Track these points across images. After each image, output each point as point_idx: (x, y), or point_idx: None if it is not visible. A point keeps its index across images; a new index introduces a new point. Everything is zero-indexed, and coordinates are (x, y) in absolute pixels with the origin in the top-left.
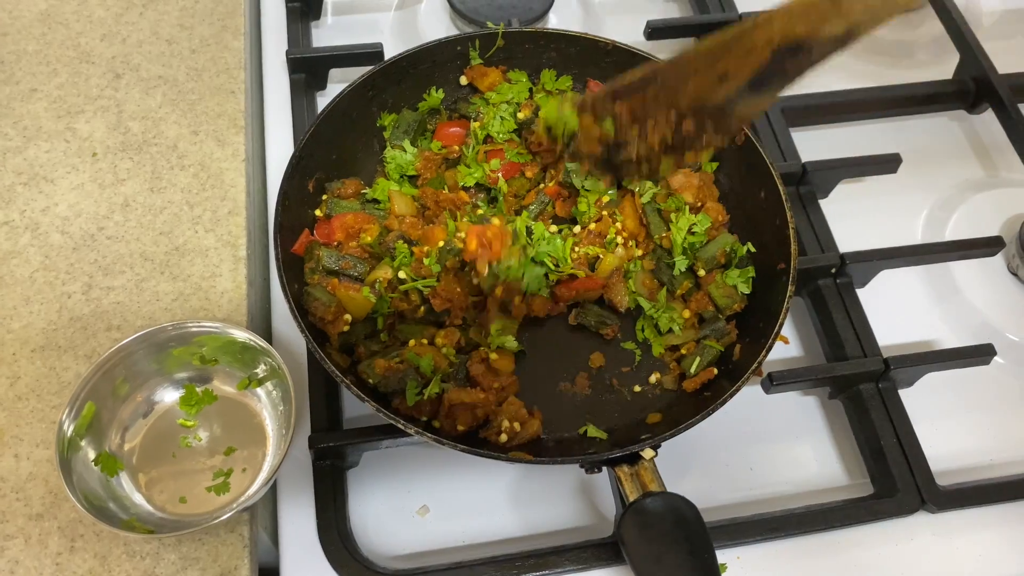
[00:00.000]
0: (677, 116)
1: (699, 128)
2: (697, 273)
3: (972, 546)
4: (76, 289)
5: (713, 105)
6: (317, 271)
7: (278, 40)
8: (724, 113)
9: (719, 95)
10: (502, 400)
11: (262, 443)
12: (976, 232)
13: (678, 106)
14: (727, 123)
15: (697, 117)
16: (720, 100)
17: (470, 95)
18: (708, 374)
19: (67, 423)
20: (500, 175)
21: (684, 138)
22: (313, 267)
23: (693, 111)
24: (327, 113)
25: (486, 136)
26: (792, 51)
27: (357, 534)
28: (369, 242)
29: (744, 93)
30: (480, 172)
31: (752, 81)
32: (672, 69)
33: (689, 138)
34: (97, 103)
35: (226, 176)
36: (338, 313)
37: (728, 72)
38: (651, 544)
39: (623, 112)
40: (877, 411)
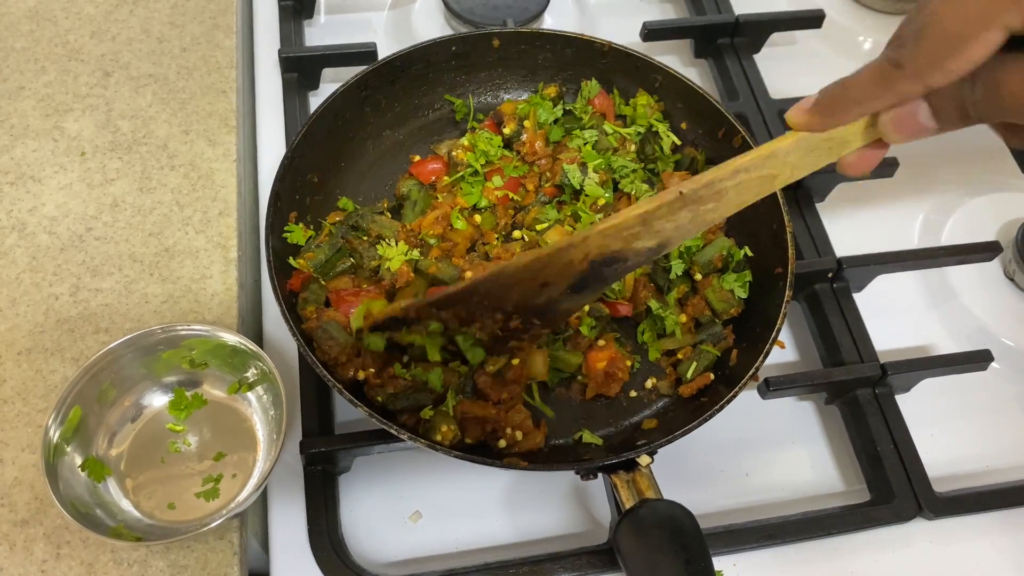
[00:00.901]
0: (504, 315)
1: (526, 323)
2: (694, 277)
3: (969, 553)
4: (63, 291)
5: (537, 306)
6: (311, 302)
7: (270, 39)
8: (549, 311)
9: (541, 299)
10: (509, 409)
11: (252, 448)
12: (973, 237)
13: (503, 309)
14: (553, 318)
15: (522, 316)
16: (543, 303)
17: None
18: (704, 379)
19: (53, 428)
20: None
21: (514, 331)
22: (307, 298)
23: (518, 311)
24: (320, 113)
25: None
26: (609, 262)
27: (349, 540)
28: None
29: (566, 295)
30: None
31: (573, 286)
32: (492, 282)
33: (518, 331)
34: (86, 101)
35: (217, 176)
36: (352, 355)
37: (549, 281)
38: (647, 552)
39: (450, 317)
40: (874, 417)
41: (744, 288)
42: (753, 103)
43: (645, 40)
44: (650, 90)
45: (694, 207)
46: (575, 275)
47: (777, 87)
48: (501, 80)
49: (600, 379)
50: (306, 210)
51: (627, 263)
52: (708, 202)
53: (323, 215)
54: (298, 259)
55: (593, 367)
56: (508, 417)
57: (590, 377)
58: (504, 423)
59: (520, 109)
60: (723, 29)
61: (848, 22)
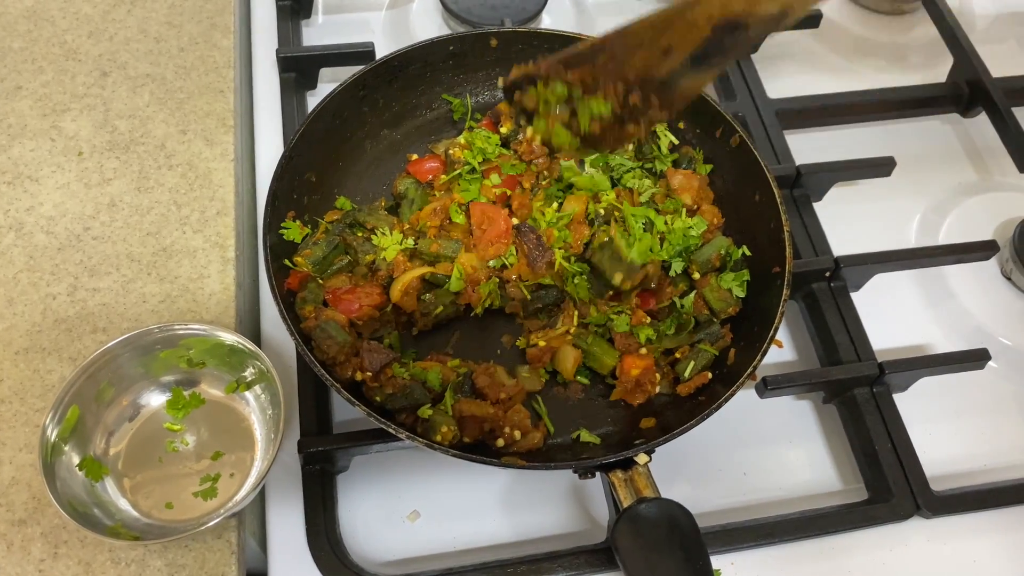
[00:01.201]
0: (624, 88)
1: (645, 102)
2: (692, 276)
3: (966, 552)
4: (61, 290)
5: (658, 79)
6: (309, 302)
7: (268, 39)
8: (668, 88)
9: (663, 69)
10: (508, 409)
11: (250, 447)
12: (969, 236)
13: (625, 78)
14: (671, 98)
15: (643, 91)
16: (664, 74)
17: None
18: (702, 378)
19: (51, 427)
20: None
21: (632, 110)
22: (305, 297)
23: (639, 84)
24: (317, 112)
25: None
26: (731, 28)
27: (347, 539)
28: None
29: (687, 68)
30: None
31: (694, 56)
32: (620, 39)
33: (636, 111)
34: (83, 101)
35: (214, 176)
36: (351, 354)
37: (672, 46)
38: (645, 551)
39: (575, 80)
40: (871, 416)
41: (742, 287)
42: (751, 102)
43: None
44: None
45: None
46: (698, 40)
47: (774, 87)
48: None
49: (630, 386)
50: (304, 209)
51: (749, 30)
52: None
53: (321, 214)
54: (295, 257)
55: (627, 372)
56: (507, 416)
57: (620, 381)
58: (503, 422)
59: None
60: None
61: (845, 22)
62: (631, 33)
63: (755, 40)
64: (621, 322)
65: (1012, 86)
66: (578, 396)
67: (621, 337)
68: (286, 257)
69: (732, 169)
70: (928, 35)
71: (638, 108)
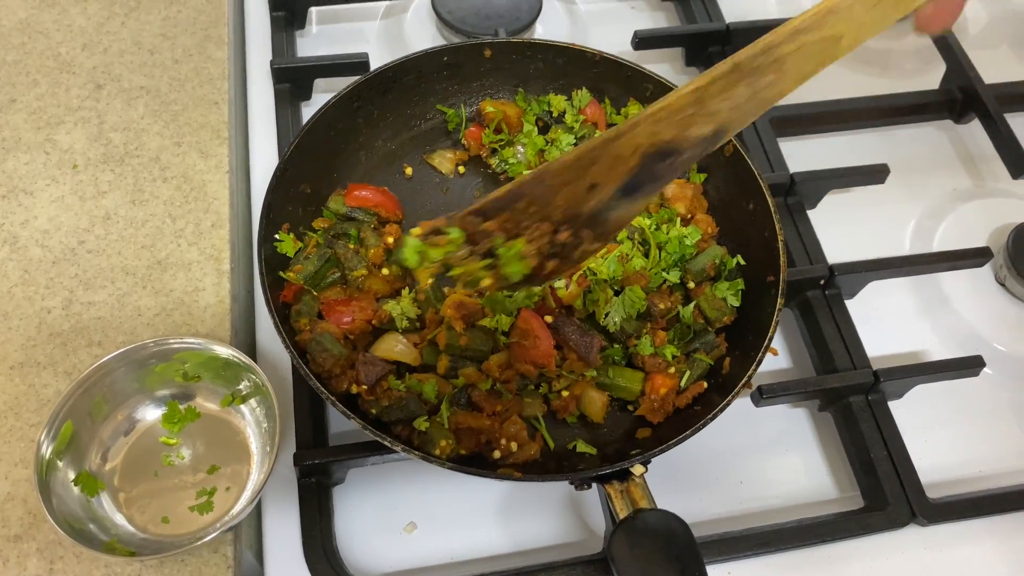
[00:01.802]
0: (552, 228)
1: (576, 237)
2: (687, 285)
3: (963, 559)
4: (56, 304)
5: (586, 214)
6: (304, 315)
7: (262, 50)
8: (599, 220)
9: (590, 204)
10: (504, 421)
11: (246, 461)
12: (964, 242)
13: (551, 218)
14: (604, 229)
15: (571, 227)
16: (592, 209)
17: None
18: (698, 388)
19: (45, 443)
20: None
21: (562, 247)
22: (300, 310)
23: (566, 221)
24: (312, 125)
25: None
26: (662, 155)
27: (343, 552)
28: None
29: (617, 199)
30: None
31: (624, 187)
32: (539, 182)
33: (567, 247)
34: (78, 114)
35: (209, 188)
36: (346, 367)
37: (598, 182)
38: (642, 562)
39: (495, 229)
40: (867, 423)
41: (737, 296)
42: None
43: (636, 49)
44: (641, 99)
45: (752, 80)
46: (626, 172)
47: None
48: (493, 90)
49: (656, 404)
50: (299, 221)
51: (682, 155)
52: (767, 73)
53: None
54: (287, 272)
55: (656, 391)
56: (503, 428)
57: (646, 399)
58: (499, 434)
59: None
60: (714, 37)
61: None
62: (551, 174)
63: (688, 163)
64: (645, 345)
65: (1005, 92)
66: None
67: (649, 359)
68: (280, 270)
69: (726, 178)
70: (920, 42)
71: (569, 244)
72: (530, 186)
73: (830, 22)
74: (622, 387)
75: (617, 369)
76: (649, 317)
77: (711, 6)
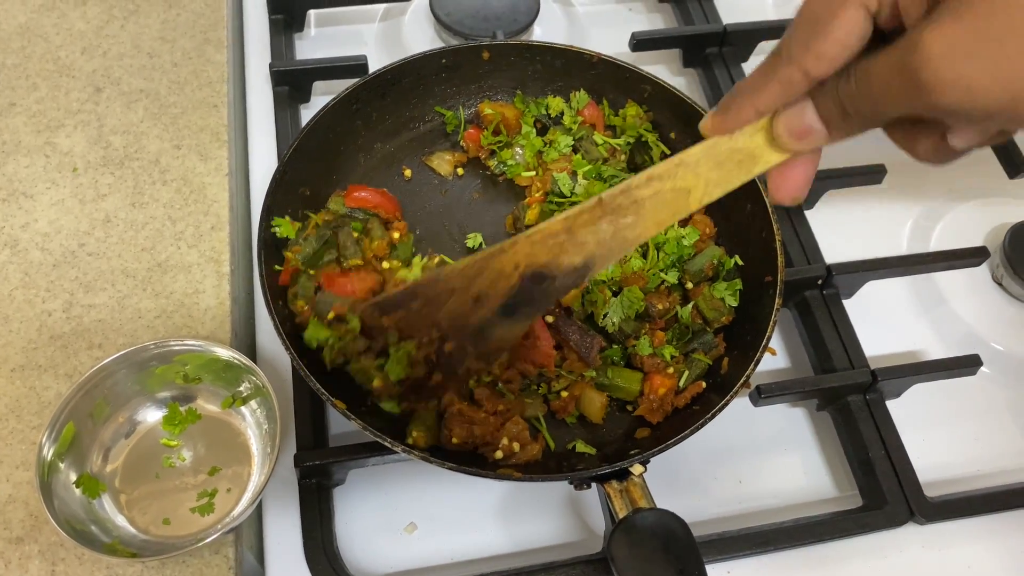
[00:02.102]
0: (439, 335)
1: (460, 350)
2: (685, 286)
3: (961, 558)
4: (56, 307)
5: (471, 327)
6: (301, 297)
7: (261, 52)
8: (482, 337)
9: (475, 317)
10: (504, 422)
11: (247, 462)
12: (961, 242)
13: (439, 325)
14: (485, 348)
15: (457, 338)
16: (476, 322)
17: None
18: (696, 388)
19: (47, 445)
20: None
21: (448, 357)
22: (297, 292)
23: (453, 331)
24: (311, 127)
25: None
26: (537, 278)
27: (344, 553)
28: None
29: (498, 318)
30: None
31: (504, 306)
32: (432, 286)
33: (452, 360)
34: (77, 117)
35: (209, 191)
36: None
37: (482, 294)
38: (641, 562)
39: (391, 326)
40: (865, 423)
41: (735, 296)
42: None
43: (634, 50)
44: (639, 100)
45: (613, 218)
46: (507, 288)
47: None
48: (491, 92)
49: (656, 404)
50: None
51: (555, 281)
52: (627, 214)
53: None
54: (285, 252)
55: (655, 391)
56: (505, 428)
57: (646, 398)
58: (499, 434)
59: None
60: (711, 39)
61: None
62: (444, 279)
63: (561, 293)
64: (643, 345)
65: None
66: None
67: (648, 359)
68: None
69: None
70: None
71: (454, 357)
72: (424, 288)
73: (680, 173)
74: (621, 387)
75: (616, 369)
76: (647, 318)
77: (708, 8)
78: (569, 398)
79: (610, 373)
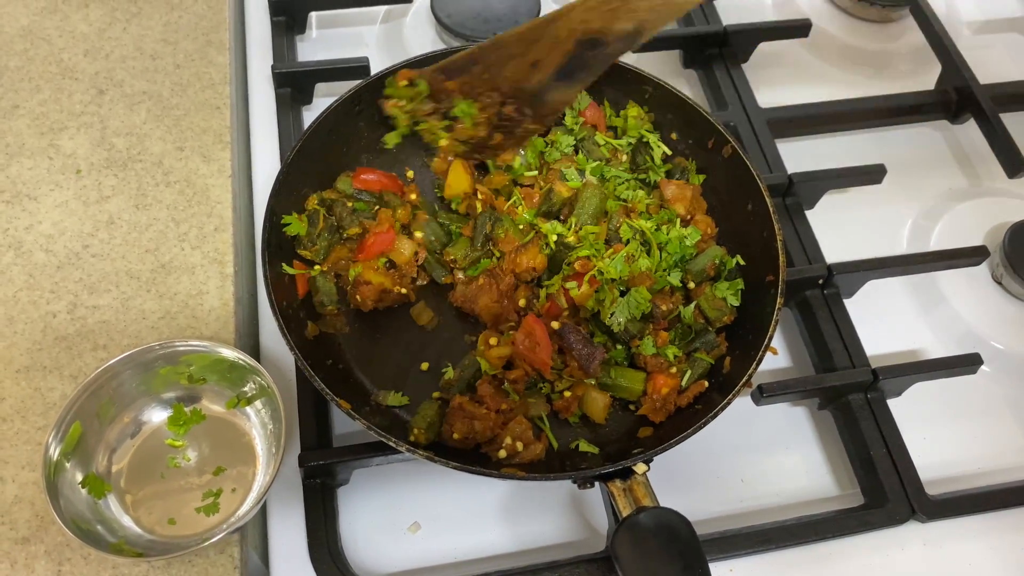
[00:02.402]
0: (499, 98)
1: (519, 112)
2: (687, 286)
3: (962, 555)
4: (61, 308)
5: (529, 91)
6: (328, 302)
7: (263, 54)
8: (539, 100)
9: (533, 81)
10: (507, 422)
11: (252, 462)
12: (960, 241)
13: (499, 89)
14: (542, 110)
15: (516, 101)
16: (534, 86)
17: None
18: (699, 387)
19: (53, 445)
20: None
21: (508, 120)
22: (322, 300)
23: (513, 94)
24: (313, 129)
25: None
26: (591, 43)
27: (348, 552)
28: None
29: (554, 81)
30: None
31: (560, 70)
32: (493, 51)
33: (511, 122)
34: (81, 119)
35: (212, 192)
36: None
37: (539, 60)
38: (645, 560)
39: (455, 88)
40: (866, 421)
41: (736, 296)
42: (742, 112)
43: (634, 51)
44: (640, 101)
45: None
46: (562, 55)
47: (765, 96)
48: None
49: (659, 404)
50: None
51: (607, 48)
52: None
53: None
54: (300, 251)
55: (659, 391)
56: (508, 428)
57: (649, 398)
58: (502, 433)
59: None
60: (711, 39)
61: (834, 30)
62: (503, 44)
63: (614, 57)
64: (647, 345)
65: (999, 92)
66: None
67: (652, 359)
68: (284, 262)
69: (725, 179)
70: (916, 43)
71: (513, 119)
72: (484, 52)
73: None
74: (624, 387)
75: (619, 370)
76: (651, 318)
77: (708, 9)
78: (572, 398)
79: (613, 373)
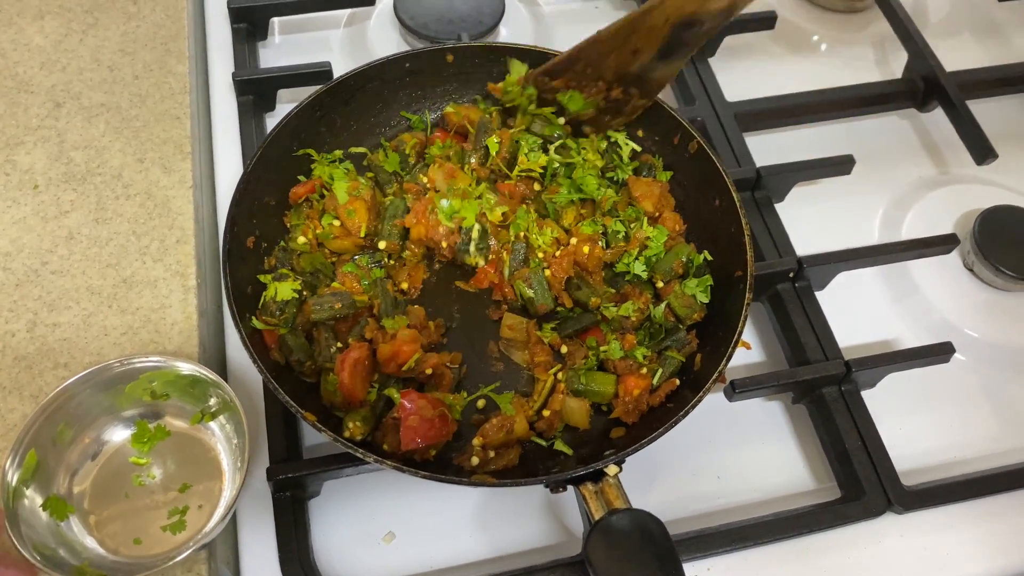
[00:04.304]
0: (606, 86)
1: (626, 94)
2: (656, 284)
3: (940, 545)
4: (20, 327)
5: (633, 73)
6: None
7: (224, 62)
8: (643, 80)
9: (635, 65)
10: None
11: (218, 478)
12: (931, 229)
13: (604, 78)
14: (648, 88)
15: (622, 85)
16: (637, 70)
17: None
18: (670, 385)
19: (11, 471)
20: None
21: (616, 102)
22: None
23: (617, 80)
24: (274, 136)
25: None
26: (687, 25)
27: (321, 564)
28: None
29: (656, 61)
30: None
31: (660, 52)
32: (593, 48)
33: (620, 103)
34: (37, 133)
35: (173, 204)
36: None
37: (639, 48)
38: (618, 563)
39: (561, 86)
40: (841, 414)
41: (706, 292)
42: (709, 106)
43: None
44: None
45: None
46: (660, 39)
47: (732, 89)
48: (457, 95)
49: (631, 405)
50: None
51: (703, 26)
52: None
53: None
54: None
55: (630, 392)
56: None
57: (621, 400)
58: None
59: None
60: None
61: (801, 22)
62: (601, 42)
63: (711, 33)
64: (614, 349)
65: (966, 79)
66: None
67: (620, 362)
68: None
69: (691, 175)
70: (882, 32)
71: (621, 100)
72: (584, 51)
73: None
74: (596, 391)
75: (589, 374)
76: (615, 284)
77: None
78: (553, 415)
79: (583, 379)
